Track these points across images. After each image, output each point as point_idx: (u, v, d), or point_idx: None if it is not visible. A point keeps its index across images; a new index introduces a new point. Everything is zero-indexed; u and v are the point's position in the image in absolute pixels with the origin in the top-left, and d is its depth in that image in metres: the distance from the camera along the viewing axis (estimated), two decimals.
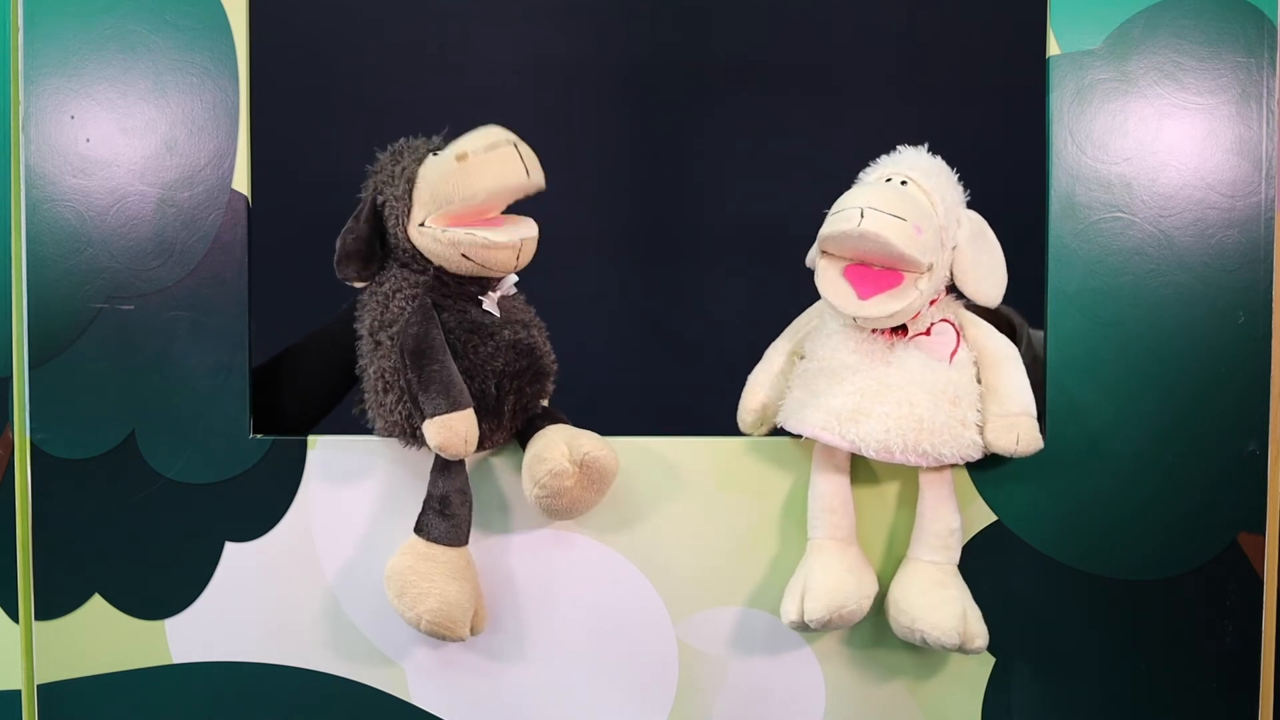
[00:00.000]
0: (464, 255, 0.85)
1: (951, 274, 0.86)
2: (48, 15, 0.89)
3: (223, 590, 0.91)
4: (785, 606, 0.86)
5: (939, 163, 0.88)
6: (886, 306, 0.83)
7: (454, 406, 0.83)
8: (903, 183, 0.85)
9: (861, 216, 0.80)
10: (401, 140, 0.90)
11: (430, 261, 0.87)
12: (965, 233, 0.86)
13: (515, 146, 0.84)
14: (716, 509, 0.90)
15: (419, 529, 0.86)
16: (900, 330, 0.87)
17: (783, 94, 1.53)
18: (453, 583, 0.85)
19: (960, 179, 0.89)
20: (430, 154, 0.87)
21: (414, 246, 0.87)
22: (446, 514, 0.86)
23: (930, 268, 0.83)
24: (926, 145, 0.89)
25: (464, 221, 0.86)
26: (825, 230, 0.83)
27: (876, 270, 0.83)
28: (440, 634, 0.85)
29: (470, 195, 0.84)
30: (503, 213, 0.88)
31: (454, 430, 0.82)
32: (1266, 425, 0.88)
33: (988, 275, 0.86)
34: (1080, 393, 0.88)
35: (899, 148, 0.89)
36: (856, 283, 0.84)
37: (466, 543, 0.87)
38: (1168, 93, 0.88)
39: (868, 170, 0.89)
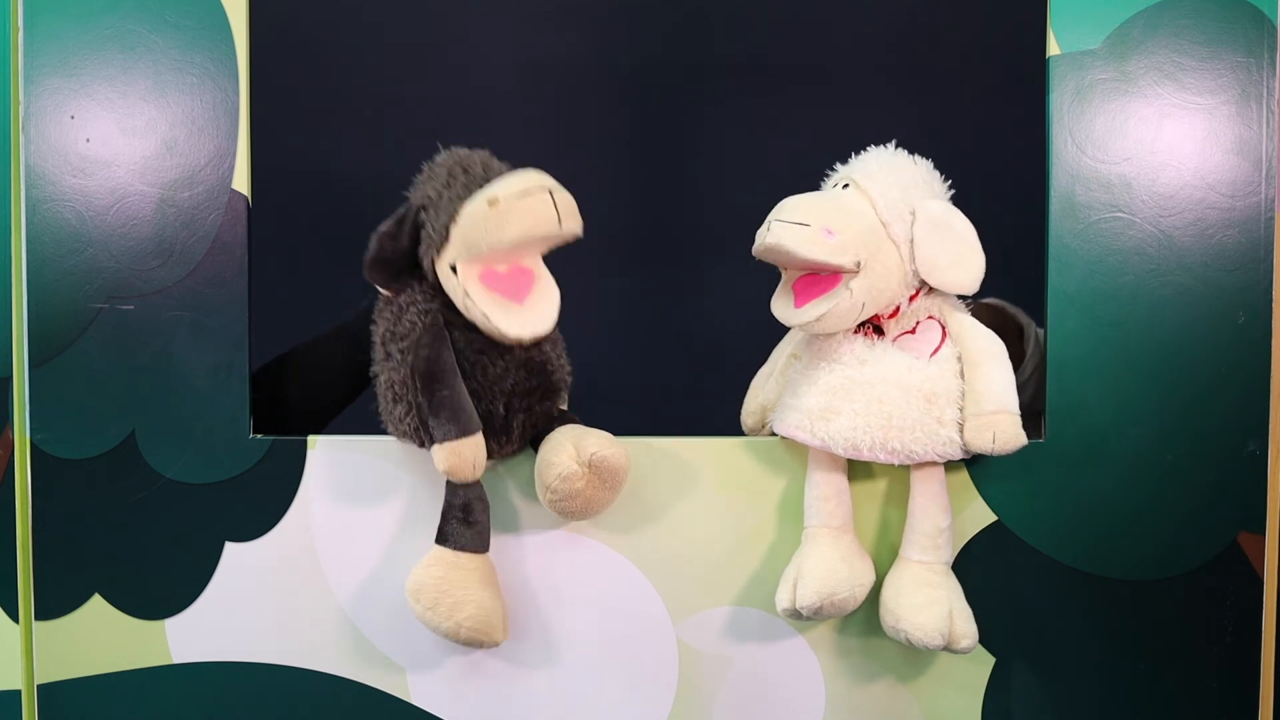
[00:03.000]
0: (476, 320, 0.84)
1: (919, 268, 0.86)
2: (48, 15, 0.89)
3: (223, 590, 0.91)
4: (779, 594, 0.87)
5: (890, 160, 0.88)
6: (815, 310, 0.84)
7: (463, 433, 0.82)
8: (845, 186, 0.86)
9: (768, 230, 0.83)
10: (463, 152, 0.87)
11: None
12: (921, 225, 0.85)
13: (550, 194, 0.82)
14: (716, 509, 0.90)
15: (443, 539, 0.85)
16: (879, 332, 0.87)
17: (783, 94, 1.53)
18: (484, 589, 0.85)
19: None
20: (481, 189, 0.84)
21: (437, 279, 0.85)
22: (470, 521, 0.85)
23: (859, 265, 0.83)
24: (895, 142, 0.89)
25: (495, 265, 0.84)
26: (753, 248, 0.86)
27: (821, 277, 0.85)
28: (479, 641, 0.84)
29: (498, 242, 0.82)
30: (543, 257, 0.87)
31: (462, 457, 0.82)
32: (1266, 425, 0.88)
33: (954, 264, 0.85)
34: (1080, 393, 0.88)
35: (869, 148, 0.90)
36: (799, 292, 0.86)
37: (489, 549, 0.87)
38: (1168, 93, 0.88)
39: (827, 179, 0.91)
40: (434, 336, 0.84)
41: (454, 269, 0.83)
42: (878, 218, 0.84)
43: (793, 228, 0.82)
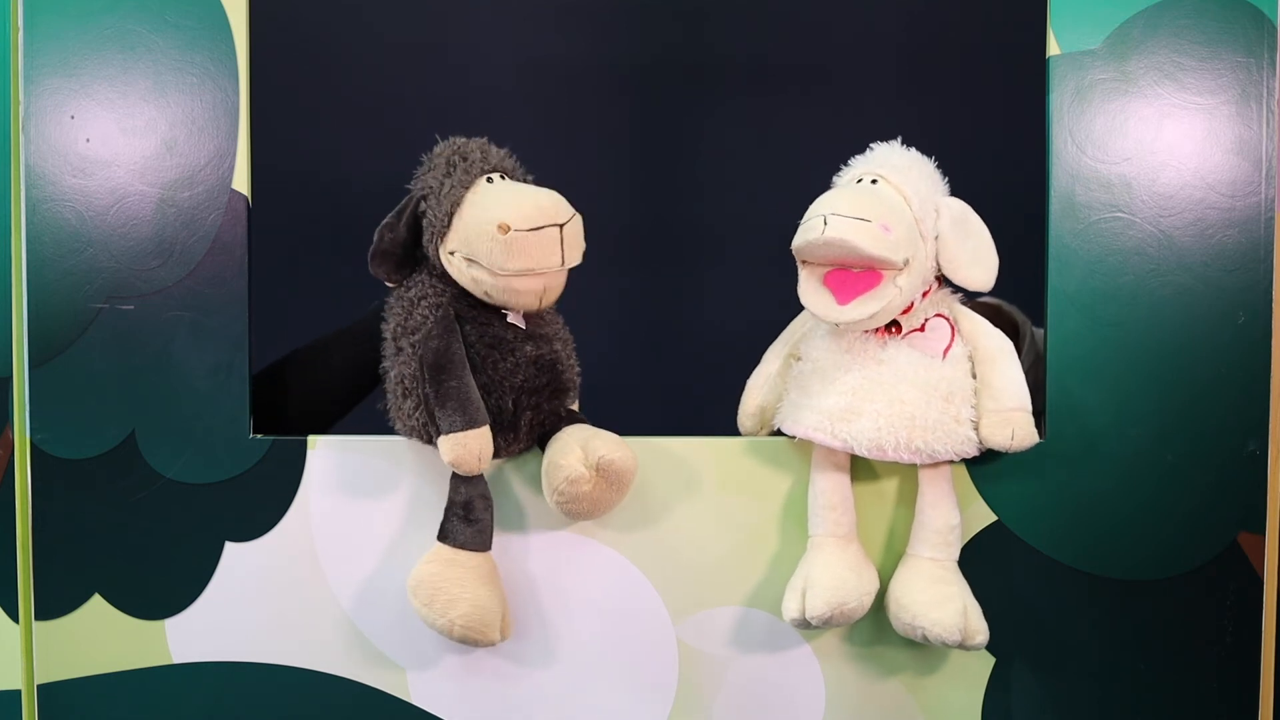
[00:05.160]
0: (486, 293, 0.85)
1: (939, 264, 0.86)
2: (48, 15, 0.89)
3: (223, 590, 0.91)
4: (786, 604, 0.86)
5: (912, 155, 0.88)
6: (865, 308, 0.83)
7: (469, 424, 0.82)
8: (873, 181, 0.86)
9: (825, 224, 0.81)
10: (460, 141, 0.88)
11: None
12: (945, 221, 0.85)
13: (560, 229, 0.83)
14: (717, 509, 0.90)
15: (443, 536, 0.85)
16: (895, 327, 0.87)
17: (783, 94, 1.53)
18: (482, 587, 0.85)
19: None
20: (484, 179, 0.85)
21: (442, 266, 0.86)
22: (470, 519, 0.85)
23: (906, 263, 0.83)
24: (900, 139, 0.89)
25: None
26: (795, 242, 0.84)
27: (856, 273, 0.84)
28: (473, 639, 0.84)
29: (499, 268, 0.82)
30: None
31: (468, 448, 0.82)
32: (1266, 425, 0.88)
33: (974, 261, 0.86)
34: (1080, 393, 0.88)
35: (872, 145, 0.89)
36: (836, 289, 0.84)
37: (490, 547, 0.87)
38: (1168, 93, 0.88)
39: (842, 172, 0.90)
40: (444, 329, 0.84)
41: (453, 253, 0.84)
42: (912, 214, 0.84)
43: (855, 223, 0.81)
